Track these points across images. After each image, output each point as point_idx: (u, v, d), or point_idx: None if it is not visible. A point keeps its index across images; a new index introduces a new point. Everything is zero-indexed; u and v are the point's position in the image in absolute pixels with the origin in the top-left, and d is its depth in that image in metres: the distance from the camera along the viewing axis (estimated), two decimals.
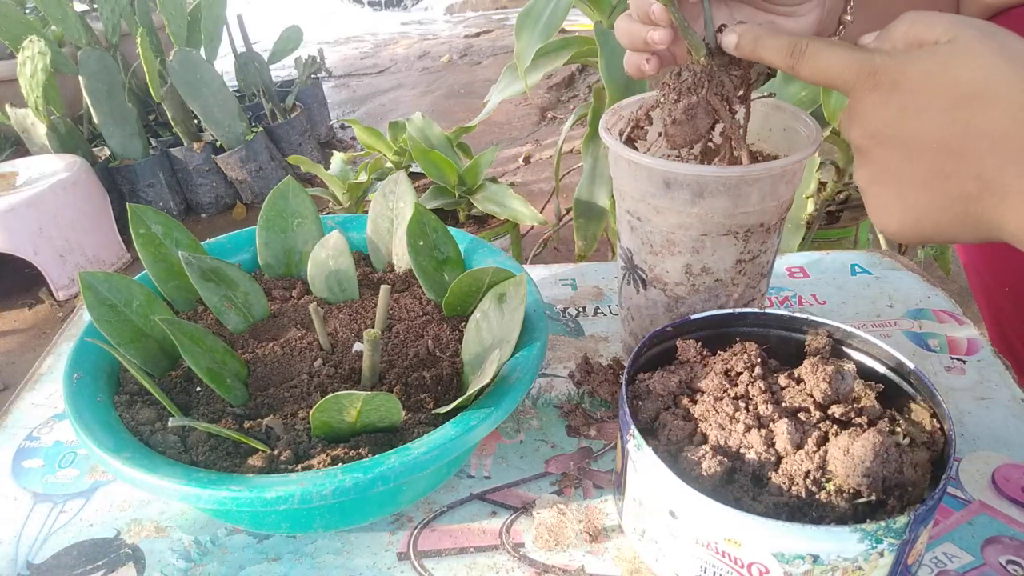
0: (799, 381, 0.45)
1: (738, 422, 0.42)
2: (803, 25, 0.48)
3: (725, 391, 0.45)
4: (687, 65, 0.48)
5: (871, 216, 0.40)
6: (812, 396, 0.44)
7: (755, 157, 0.54)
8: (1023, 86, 0.33)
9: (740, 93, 0.47)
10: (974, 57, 0.34)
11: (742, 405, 0.43)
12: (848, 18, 0.50)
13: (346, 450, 0.44)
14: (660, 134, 0.51)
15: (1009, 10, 0.54)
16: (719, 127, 0.49)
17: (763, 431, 0.41)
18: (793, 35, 0.48)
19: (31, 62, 2.03)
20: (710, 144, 0.52)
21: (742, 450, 0.41)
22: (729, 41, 0.43)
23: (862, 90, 0.37)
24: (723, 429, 0.42)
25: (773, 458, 0.40)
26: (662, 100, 0.49)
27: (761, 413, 0.43)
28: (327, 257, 0.59)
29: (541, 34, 1.13)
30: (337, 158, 1.80)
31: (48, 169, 2.04)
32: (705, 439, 0.43)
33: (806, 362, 0.45)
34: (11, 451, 0.57)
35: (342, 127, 3.10)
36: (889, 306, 0.67)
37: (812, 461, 0.40)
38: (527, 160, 2.66)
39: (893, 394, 0.45)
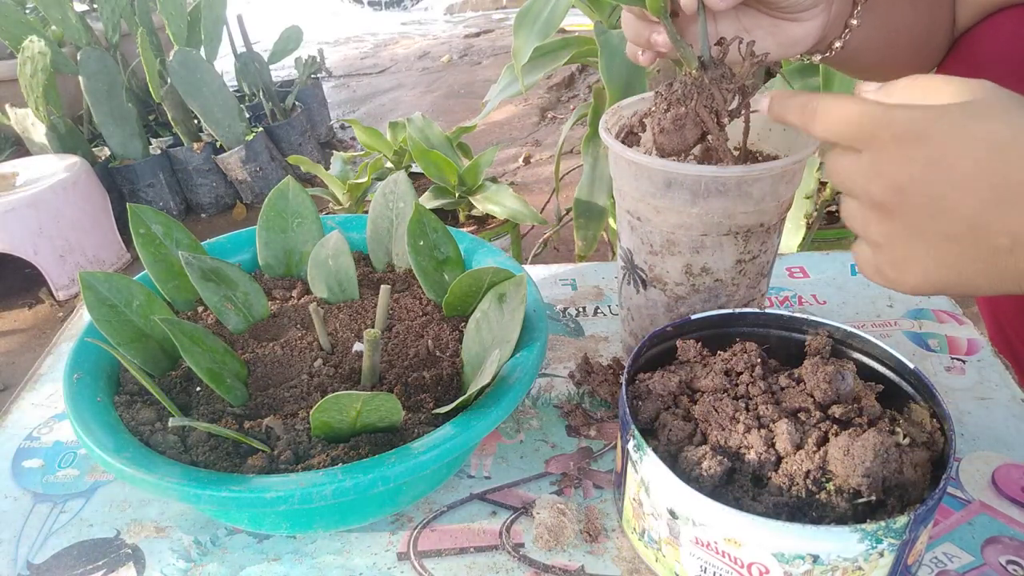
0: (799, 381, 0.45)
1: (738, 422, 0.42)
2: (808, 30, 0.48)
3: (725, 391, 0.45)
4: (679, 76, 0.48)
5: (887, 271, 0.38)
6: (812, 396, 0.44)
7: (755, 157, 0.54)
8: None
9: (732, 107, 0.47)
10: (1003, 111, 0.33)
11: (742, 405, 0.43)
12: (854, 22, 0.50)
13: (346, 450, 0.44)
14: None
15: (1002, 11, 0.54)
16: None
17: (763, 431, 0.41)
18: (798, 37, 0.49)
19: (31, 62, 2.02)
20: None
21: (742, 450, 0.41)
22: (764, 105, 0.42)
23: (881, 142, 0.35)
24: (723, 429, 0.42)
25: (773, 458, 0.41)
26: (653, 109, 0.49)
27: (761, 413, 0.43)
28: (327, 257, 0.59)
29: (539, 33, 1.13)
30: (337, 158, 1.80)
31: (48, 169, 2.04)
32: (705, 439, 0.43)
33: (806, 362, 0.45)
34: (11, 451, 0.57)
35: (342, 127, 3.10)
36: (889, 306, 0.67)
37: (812, 461, 0.40)
38: (527, 160, 2.66)
39: (893, 394, 0.45)
